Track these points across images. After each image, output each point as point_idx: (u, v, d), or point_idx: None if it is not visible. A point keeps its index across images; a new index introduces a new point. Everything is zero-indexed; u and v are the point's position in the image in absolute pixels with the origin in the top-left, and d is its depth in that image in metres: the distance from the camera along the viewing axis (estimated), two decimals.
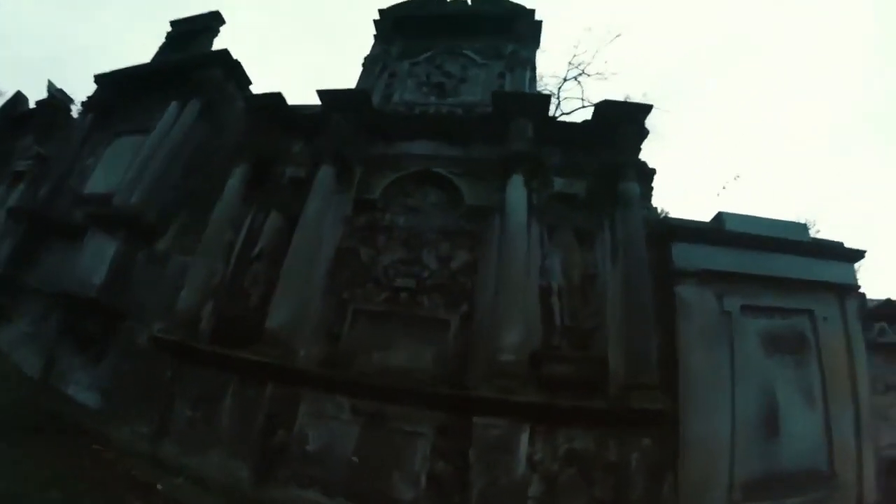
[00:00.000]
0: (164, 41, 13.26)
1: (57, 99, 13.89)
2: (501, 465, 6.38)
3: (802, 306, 7.70)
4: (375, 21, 12.14)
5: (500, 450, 6.45)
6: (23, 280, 10.65)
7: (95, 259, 9.45)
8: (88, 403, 8.45)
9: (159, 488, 6.61)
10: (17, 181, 12.43)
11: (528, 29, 11.46)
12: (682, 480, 6.54)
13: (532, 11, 11.62)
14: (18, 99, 14.94)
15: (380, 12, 12.18)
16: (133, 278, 9.56)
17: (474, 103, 10.26)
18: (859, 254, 8.24)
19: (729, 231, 8.13)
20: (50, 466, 6.40)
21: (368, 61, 11.49)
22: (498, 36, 11.31)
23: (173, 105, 11.07)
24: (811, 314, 7.66)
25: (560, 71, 25.97)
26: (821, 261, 7.99)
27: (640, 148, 8.78)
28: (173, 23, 13.40)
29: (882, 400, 8.70)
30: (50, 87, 14.24)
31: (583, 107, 20.38)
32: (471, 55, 11.16)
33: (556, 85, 21.12)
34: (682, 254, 7.84)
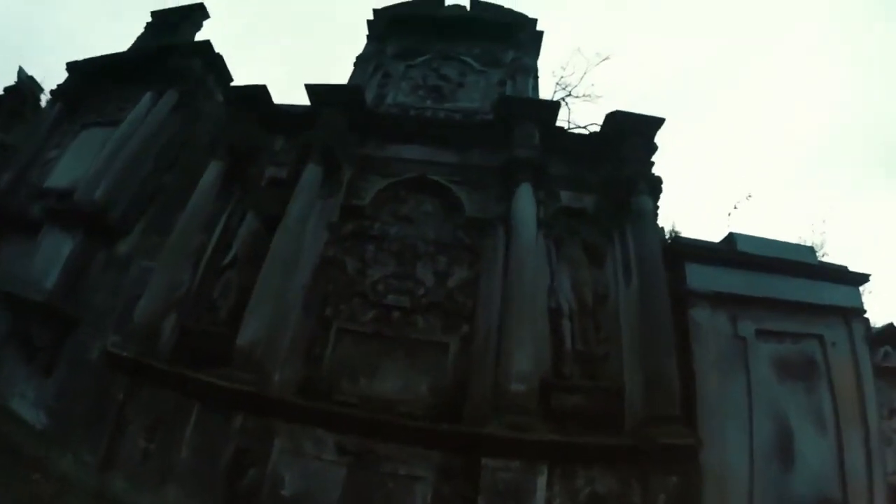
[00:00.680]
0: (144, 31, 11.95)
1: (25, 86, 12.33)
2: None
3: (812, 331, 7.11)
4: (369, 21, 11.07)
5: (514, 496, 5.32)
6: None
7: (49, 259, 8.08)
8: (33, 422, 7.05)
9: None
10: None
11: (530, 38, 10.66)
12: None
13: (534, 21, 10.85)
14: None
15: (374, 12, 11.14)
16: (90, 282, 8.16)
17: (473, 110, 9.29)
18: (864, 277, 7.62)
19: (741, 252, 7.50)
20: None
21: (361, 60, 10.39)
22: (497, 43, 10.46)
23: (148, 95, 9.78)
24: (821, 339, 7.06)
25: (546, 92, 24.98)
26: (828, 284, 7.44)
27: (653, 161, 7.87)
28: (154, 13, 12.13)
29: (887, 425, 8.47)
30: (20, 74, 12.86)
31: (569, 128, 19.42)
32: (469, 61, 10.23)
33: None
34: (696, 275, 7.12)
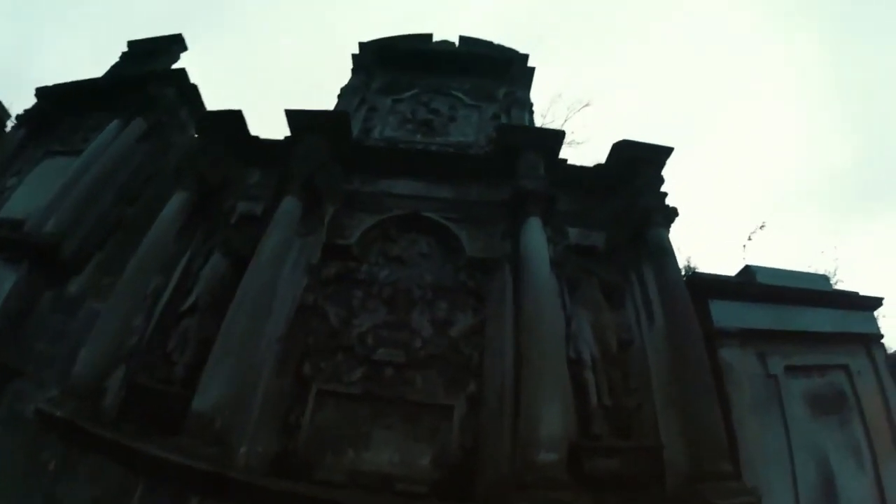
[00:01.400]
0: (119, 60, 10.73)
1: None
2: None
3: (838, 362, 6.62)
4: (354, 55, 9.99)
5: None
6: None
7: None
8: None
9: None
10: None
11: (522, 74, 9.68)
12: None
13: (526, 56, 9.93)
14: None
15: (360, 46, 10.06)
16: (33, 325, 6.67)
17: (467, 144, 8.24)
18: (878, 301, 7.20)
19: (762, 285, 6.87)
20: None
21: (345, 92, 9.21)
22: (488, 79, 9.47)
23: (114, 123, 8.51)
24: (846, 369, 6.58)
25: None
26: (847, 312, 6.97)
27: (666, 192, 6.89)
28: (130, 43, 10.93)
29: None
30: None
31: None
32: (460, 95, 9.19)
33: None
34: (720, 312, 6.32)
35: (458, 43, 10.35)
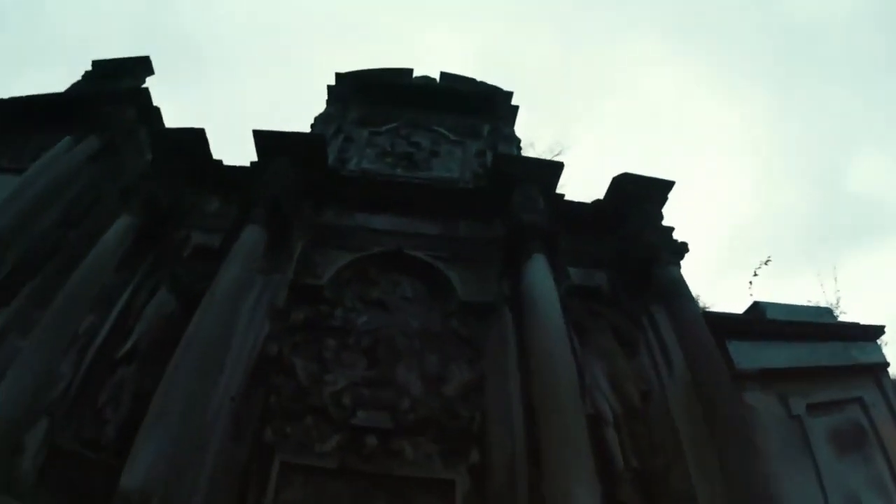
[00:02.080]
0: (80, 79, 9.55)
1: None
2: None
3: (853, 395, 6.19)
4: (330, 86, 9.11)
5: None
6: None
7: None
8: None
9: None
10: None
11: (506, 111, 9.01)
12: None
13: (510, 94, 9.29)
14: None
15: (337, 77, 9.21)
16: None
17: (451, 180, 7.43)
18: (880, 329, 6.82)
19: (775, 321, 6.39)
20: None
21: (320, 120, 8.29)
22: (471, 115, 8.71)
23: (65, 140, 7.32)
24: (861, 401, 6.14)
25: None
26: (852, 343, 6.56)
27: (672, 227, 6.26)
28: (95, 62, 9.82)
29: None
30: None
31: None
32: (442, 131, 8.38)
33: None
34: (739, 353, 5.68)
35: (440, 79, 9.62)
